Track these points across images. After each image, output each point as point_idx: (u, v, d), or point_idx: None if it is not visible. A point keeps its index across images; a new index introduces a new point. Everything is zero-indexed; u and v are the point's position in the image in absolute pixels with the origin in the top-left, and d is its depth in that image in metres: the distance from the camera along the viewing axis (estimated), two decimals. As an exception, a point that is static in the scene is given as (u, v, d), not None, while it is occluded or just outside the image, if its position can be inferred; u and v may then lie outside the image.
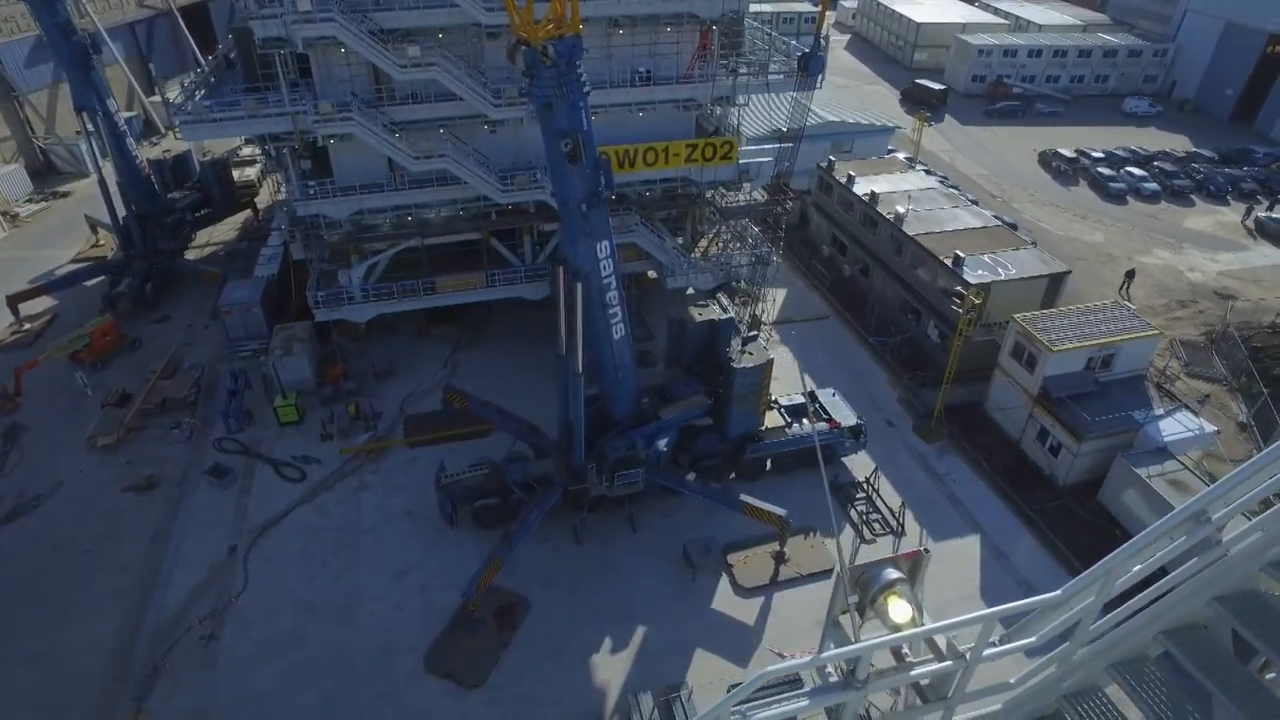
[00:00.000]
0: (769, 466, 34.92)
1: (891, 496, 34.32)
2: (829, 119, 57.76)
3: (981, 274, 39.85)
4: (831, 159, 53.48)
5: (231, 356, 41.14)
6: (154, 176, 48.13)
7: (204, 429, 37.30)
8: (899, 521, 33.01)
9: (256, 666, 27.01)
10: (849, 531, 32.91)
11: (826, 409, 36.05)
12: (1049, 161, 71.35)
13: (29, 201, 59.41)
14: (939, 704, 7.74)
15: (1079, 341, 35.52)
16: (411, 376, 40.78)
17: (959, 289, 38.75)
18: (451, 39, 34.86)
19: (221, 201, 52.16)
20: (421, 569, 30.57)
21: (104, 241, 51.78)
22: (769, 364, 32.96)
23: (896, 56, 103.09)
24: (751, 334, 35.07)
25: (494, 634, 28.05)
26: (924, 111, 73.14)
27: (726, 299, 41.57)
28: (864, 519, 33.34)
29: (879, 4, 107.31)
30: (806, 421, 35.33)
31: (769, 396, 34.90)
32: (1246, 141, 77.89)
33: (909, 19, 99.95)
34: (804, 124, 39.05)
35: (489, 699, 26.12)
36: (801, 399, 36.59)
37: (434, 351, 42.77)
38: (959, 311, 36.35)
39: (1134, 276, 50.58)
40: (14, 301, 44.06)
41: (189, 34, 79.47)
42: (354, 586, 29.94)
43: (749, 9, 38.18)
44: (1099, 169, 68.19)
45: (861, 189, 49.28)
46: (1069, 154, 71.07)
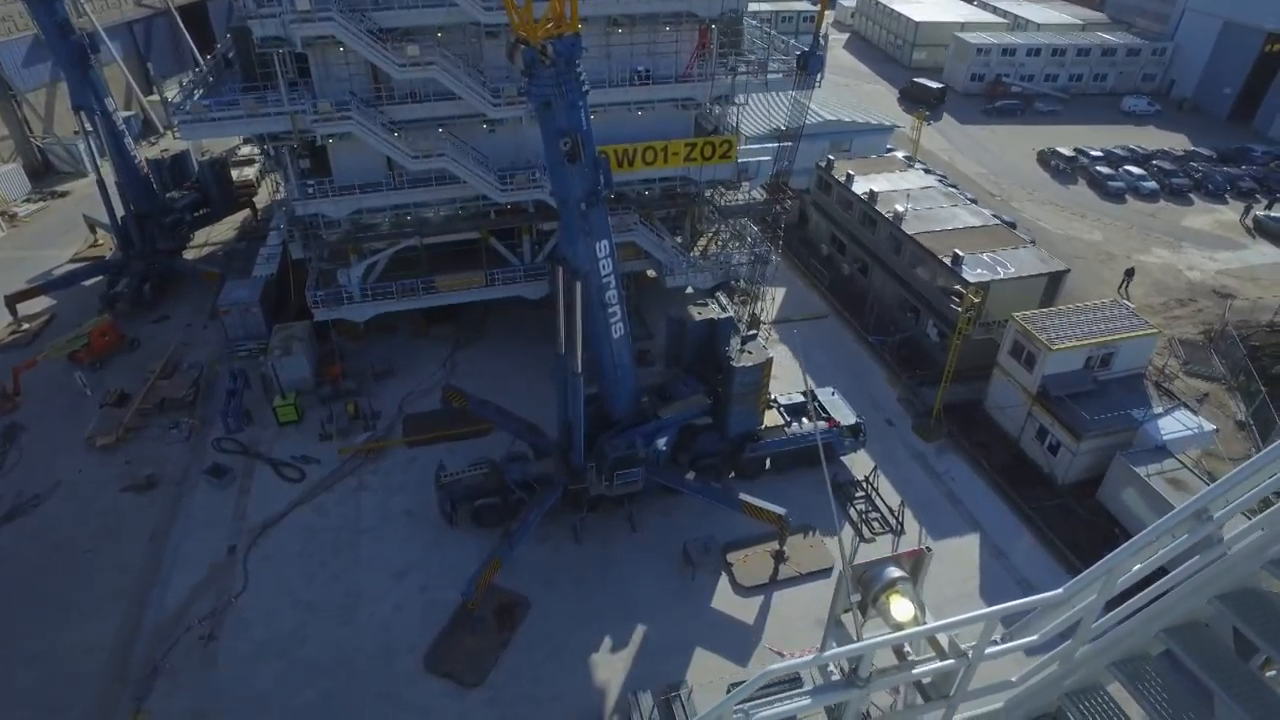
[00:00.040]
0: (768, 465, 34.95)
1: (891, 495, 34.33)
2: (828, 118, 57.82)
3: (980, 273, 39.91)
4: (830, 158, 53.48)
5: (230, 356, 41.11)
6: (152, 176, 48.09)
7: (203, 429, 37.28)
8: (898, 520, 33.04)
9: (256, 666, 27.01)
10: (848, 530, 32.95)
11: (825, 408, 36.09)
12: (1048, 160, 71.42)
13: (27, 201, 59.35)
14: (941, 702, 7.76)
15: (1078, 340, 35.56)
16: (410, 376, 40.76)
17: (958, 288, 38.76)
18: (450, 38, 34.88)
19: (220, 201, 52.18)
20: (421, 568, 30.57)
21: (102, 241, 51.73)
22: (768, 363, 32.98)
23: (895, 55, 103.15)
24: (750, 333, 35.09)
25: (494, 633, 28.06)
26: (922, 110, 73.16)
27: (725, 298, 41.59)
28: (863, 518, 33.37)
29: (878, 3, 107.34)
30: (806, 420, 35.38)
31: (768, 395, 34.92)
32: (1245, 140, 77.98)
33: (908, 18, 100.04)
34: (803, 123, 39.12)
35: (489, 698, 26.14)
36: (801, 398, 36.65)
37: (433, 351, 42.75)
38: (958, 310, 36.35)
39: (1133, 275, 50.64)
40: (12, 301, 44.00)
41: (187, 33, 79.47)
42: (354, 586, 29.93)
43: (747, 8, 38.17)
44: (1098, 168, 68.25)
45: (860, 188, 49.31)
46: (1068, 153, 71.10)
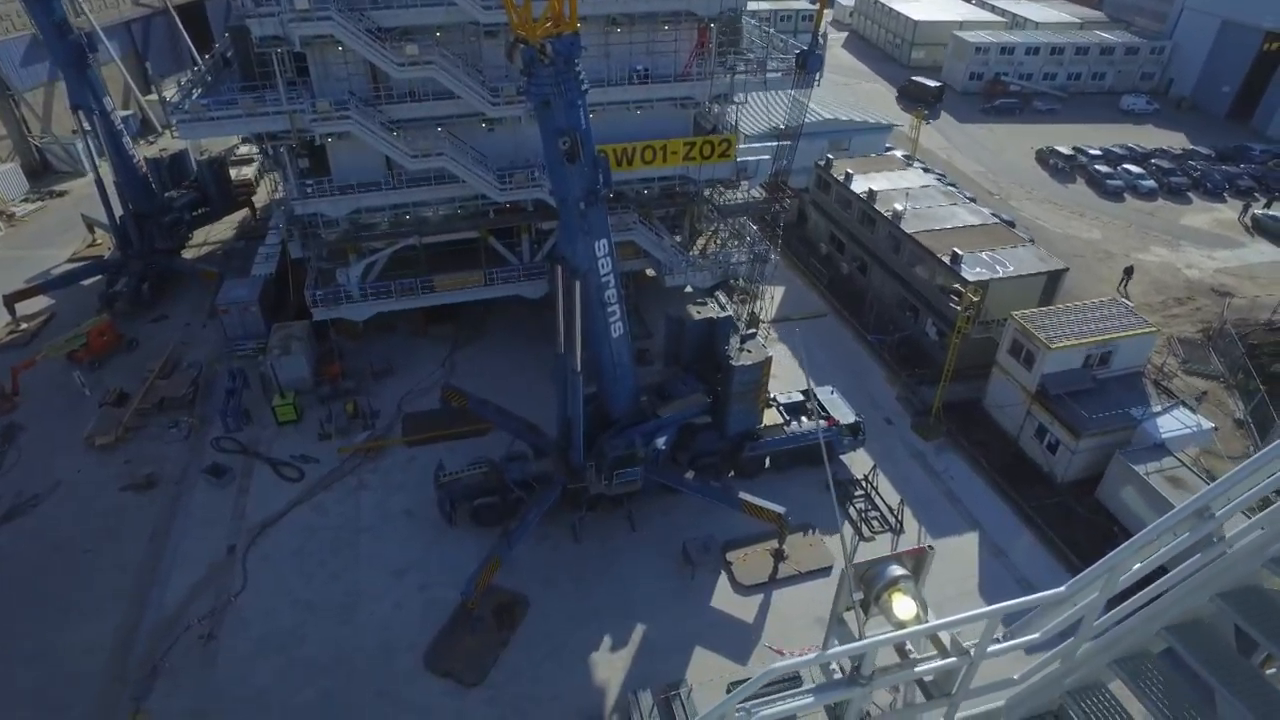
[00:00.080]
0: (767, 464, 34.97)
1: (890, 494, 34.36)
2: (827, 117, 57.83)
3: (979, 271, 39.91)
4: (829, 156, 53.48)
5: (229, 355, 41.08)
6: (151, 175, 48.02)
7: (202, 428, 37.25)
8: (897, 519, 33.08)
9: (256, 665, 27.00)
10: (848, 529, 32.95)
11: (825, 407, 36.10)
12: (1046, 159, 71.43)
13: (25, 201, 59.25)
14: (943, 700, 7.76)
15: (1077, 339, 35.59)
16: (410, 375, 40.73)
17: (957, 286, 38.79)
18: (449, 37, 34.82)
19: (219, 200, 52.08)
20: (420, 567, 30.57)
21: (101, 241, 51.67)
22: (767, 362, 32.99)
23: (894, 54, 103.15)
24: (750, 332, 35.09)
25: (493, 632, 28.06)
26: (921, 109, 73.17)
27: (725, 297, 41.62)
28: (863, 517, 33.40)
29: (876, 2, 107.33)
30: (806, 419, 35.40)
31: (767, 394, 34.93)
32: (1243, 139, 78.03)
33: (906, 17, 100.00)
34: (802, 122, 39.13)
35: (488, 697, 26.14)
36: (800, 396, 36.66)
37: (432, 350, 42.73)
38: (957, 309, 36.38)
39: (1132, 274, 50.69)
40: (11, 301, 43.94)
41: (185, 33, 79.36)
42: (353, 585, 29.93)
43: (746, 7, 38.17)
44: (1096, 166, 68.28)
45: (859, 187, 49.31)
46: (1066, 151, 71.10)
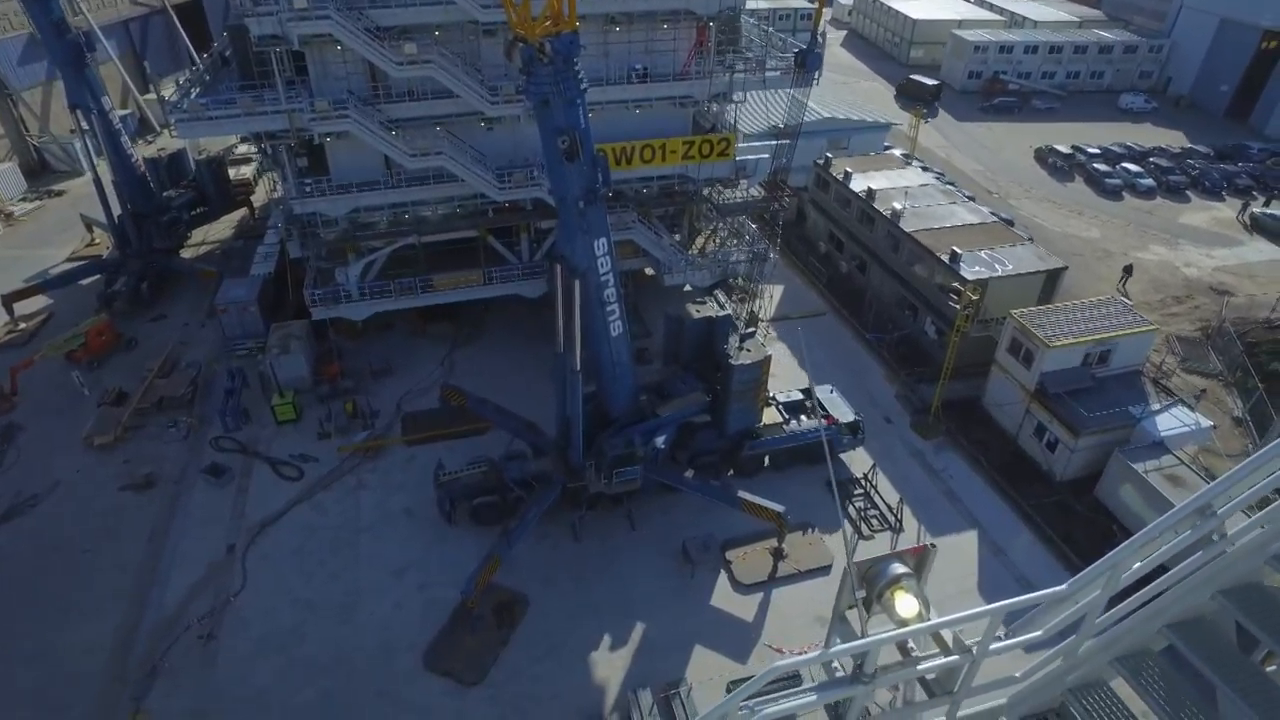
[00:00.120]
0: (767, 463, 34.98)
1: (889, 493, 34.38)
2: (826, 115, 57.83)
3: (978, 270, 39.93)
4: (828, 155, 53.49)
5: (228, 355, 41.06)
6: (149, 175, 47.92)
7: (201, 428, 37.21)
8: (897, 518, 33.10)
9: (255, 665, 26.98)
10: (848, 527, 32.94)
11: (824, 405, 36.10)
12: (1045, 158, 71.45)
13: (23, 200, 59.15)
14: (945, 698, 7.77)
15: (1076, 337, 35.61)
16: (409, 374, 40.71)
17: (956, 285, 38.81)
18: (448, 36, 34.81)
19: (217, 200, 52.00)
20: (420, 567, 30.56)
21: (99, 240, 51.60)
22: (767, 360, 32.99)
23: (893, 53, 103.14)
24: (749, 331, 35.10)
25: (493, 631, 28.05)
26: (920, 107, 73.19)
27: (724, 296, 41.62)
28: (862, 515, 33.41)
29: (875, 0, 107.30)
30: (805, 418, 35.41)
31: (766, 393, 34.93)
32: (1241, 137, 78.13)
33: (905, 15, 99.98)
34: (801, 120, 39.11)
35: (488, 696, 26.14)
36: (799, 395, 36.66)
37: (431, 350, 42.70)
38: (956, 307, 36.41)
39: (1131, 272, 50.74)
40: (9, 300, 43.85)
41: (184, 32, 79.24)
42: (353, 584, 29.91)
43: (745, 5, 38.14)
44: (1095, 165, 68.30)
45: (858, 185, 49.32)
46: (1065, 150, 71.13)
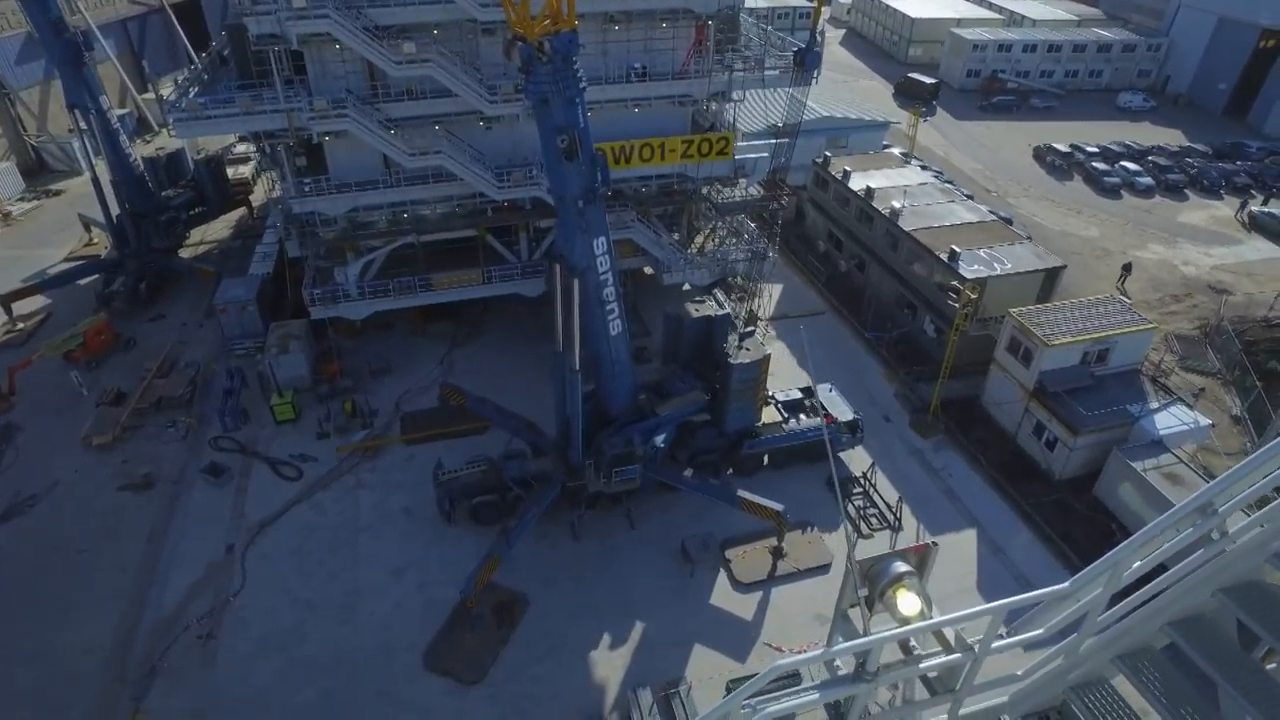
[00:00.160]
0: (766, 462, 35.00)
1: (889, 491, 34.39)
2: (825, 114, 57.81)
3: (977, 269, 39.93)
4: (827, 154, 53.48)
5: (227, 355, 41.03)
6: (148, 174, 47.86)
7: (200, 427, 37.17)
8: (896, 516, 33.11)
9: (255, 665, 26.97)
10: (848, 526, 32.95)
11: (823, 404, 36.10)
12: (1043, 156, 71.48)
13: (21, 200, 59.05)
14: (947, 696, 7.77)
15: (1074, 336, 35.63)
16: (408, 374, 40.68)
17: (955, 284, 38.81)
18: (447, 35, 34.77)
19: (216, 199, 51.94)
20: (420, 566, 30.55)
21: (97, 240, 51.54)
22: (766, 359, 32.97)
23: (891, 52, 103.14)
24: (748, 329, 35.08)
25: (493, 631, 28.05)
26: (918, 106, 73.19)
27: (723, 295, 41.59)
28: (861, 514, 33.42)
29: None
30: (805, 417, 35.41)
31: (766, 392, 34.92)
32: (1240, 136, 78.16)
33: (903, 14, 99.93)
34: (800, 119, 39.08)
35: (488, 696, 26.15)
36: (799, 394, 36.67)
37: (430, 349, 42.68)
38: (955, 306, 36.41)
39: (1131, 270, 50.78)
40: (7, 300, 43.83)
41: (182, 31, 79.14)
42: (352, 584, 29.90)
43: (744, 4, 38.17)
44: (1093, 164, 68.33)
45: (857, 184, 49.31)
46: (1063, 149, 71.17)
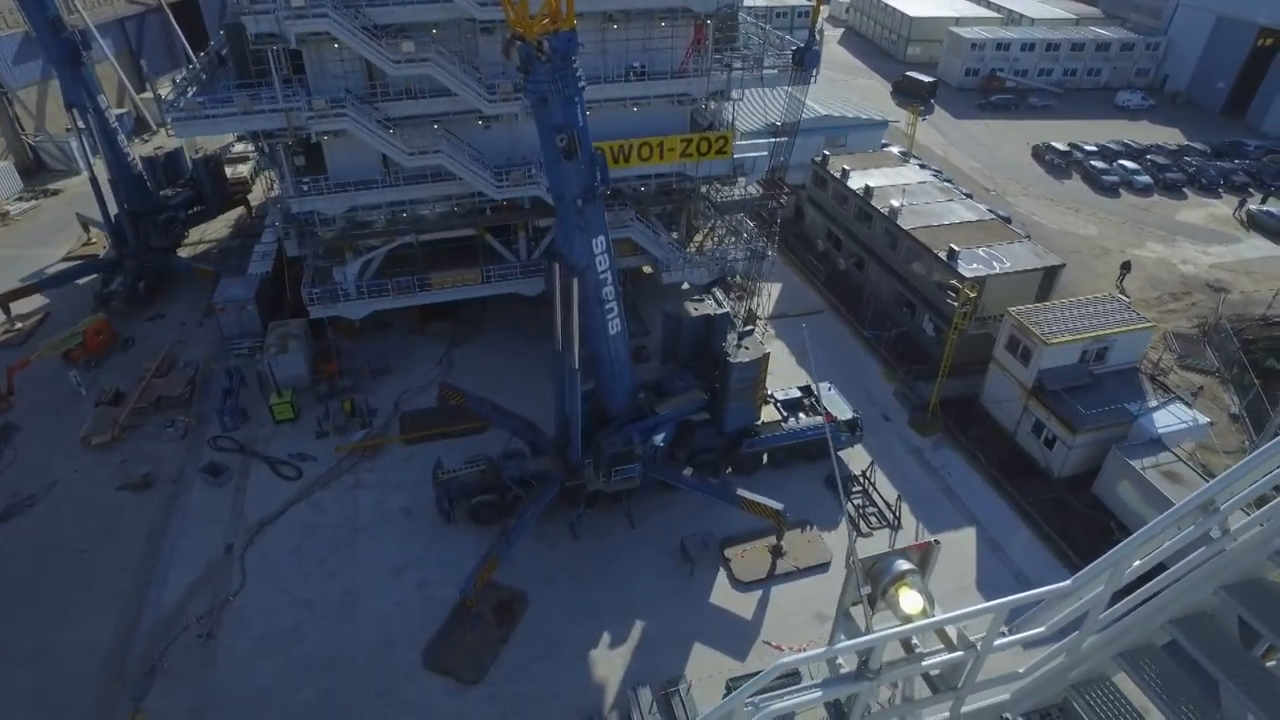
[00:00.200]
0: (765, 461, 35.01)
1: (888, 490, 34.41)
2: (823, 113, 57.81)
3: (976, 267, 39.95)
4: (826, 153, 53.48)
5: (226, 354, 41.00)
6: (146, 174, 47.79)
7: (199, 427, 37.14)
8: (895, 515, 33.12)
9: (255, 664, 26.96)
10: (849, 524, 32.98)
11: (822, 403, 36.12)
12: (1042, 155, 71.54)
13: (19, 199, 58.96)
14: (949, 694, 7.78)
15: (1073, 334, 35.67)
16: (407, 373, 40.66)
17: (954, 282, 38.82)
18: (445, 34, 34.74)
19: (214, 199, 51.89)
20: (419, 566, 30.54)
21: (95, 240, 51.47)
22: (765, 358, 32.98)
23: (890, 50, 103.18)
24: (747, 328, 35.09)
25: (492, 630, 28.05)
26: (916, 104, 73.21)
27: (722, 293, 41.57)
28: (860, 512, 33.44)
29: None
30: (804, 415, 35.42)
31: (765, 391, 34.93)
32: (1238, 134, 78.25)
33: (902, 13, 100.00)
34: (799, 118, 39.06)
35: (488, 695, 26.15)
36: (798, 393, 36.68)
37: (429, 348, 42.66)
38: (954, 305, 36.43)
39: (1130, 268, 50.84)
40: (5, 300, 43.75)
41: (180, 30, 79.03)
42: (352, 584, 29.89)
43: (743, 3, 38.14)
44: (1092, 162, 68.40)
45: (856, 183, 49.31)
46: (1062, 147, 71.25)
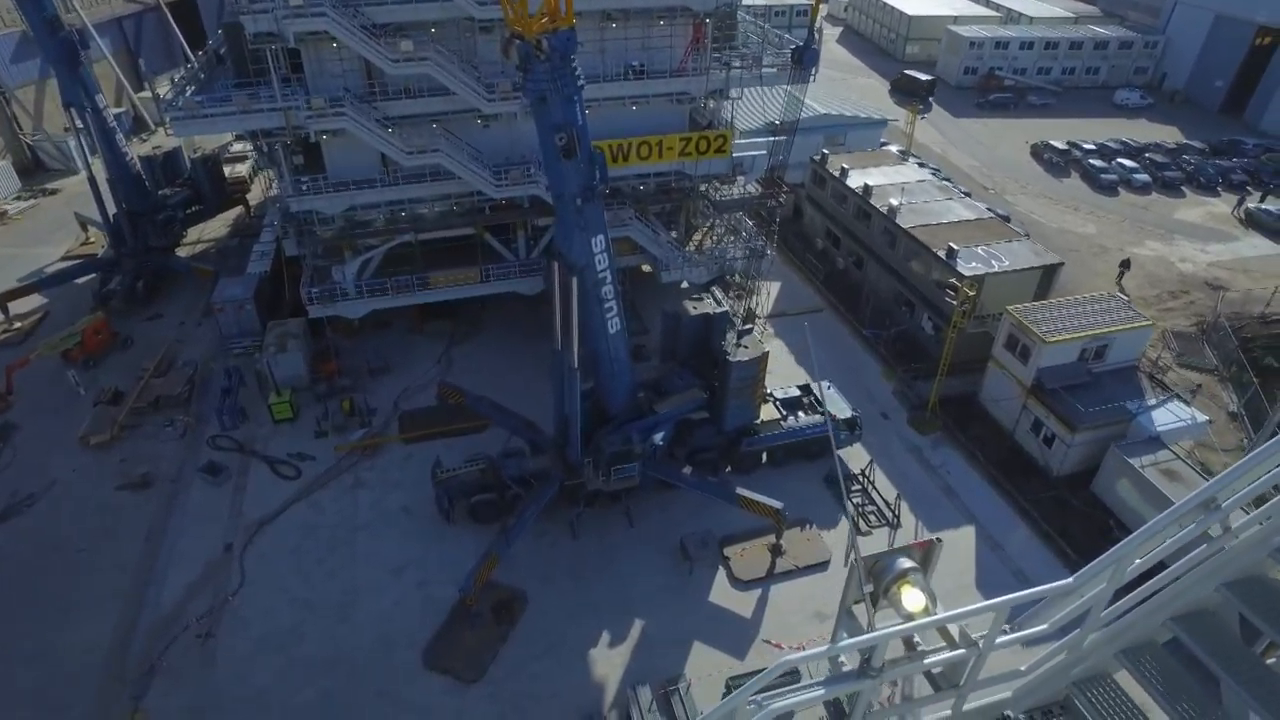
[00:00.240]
0: (765, 459, 35.01)
1: (887, 488, 34.43)
2: (822, 111, 57.81)
3: (975, 266, 39.95)
4: (825, 152, 53.47)
5: (225, 354, 40.99)
6: (144, 173, 47.71)
7: (198, 426, 37.11)
8: (894, 513, 33.15)
9: (254, 664, 26.95)
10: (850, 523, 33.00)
11: (821, 402, 36.13)
12: (1041, 154, 71.54)
13: (17, 199, 58.88)
14: (951, 692, 7.79)
15: (1072, 333, 35.69)
16: (406, 372, 40.64)
17: (953, 281, 38.82)
18: (444, 33, 34.72)
19: (213, 198, 51.83)
20: (419, 565, 30.53)
21: (94, 239, 51.40)
22: (764, 357, 32.98)
23: (888, 49, 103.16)
24: (747, 327, 35.09)
25: (492, 629, 28.05)
26: (914, 102, 73.22)
27: (721, 292, 41.57)
28: (860, 511, 33.46)
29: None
30: (803, 414, 35.42)
31: (764, 389, 34.93)
32: (1236, 133, 78.26)
33: (900, 12, 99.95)
34: (798, 117, 39.06)
35: (488, 694, 26.15)
36: (797, 392, 36.69)
37: (429, 347, 42.64)
38: (953, 304, 36.44)
39: (1129, 266, 50.88)
40: (4, 300, 43.69)
41: (178, 29, 78.90)
42: (351, 583, 29.88)
43: (742, 1, 38.11)
44: (1090, 161, 68.40)
45: (855, 182, 49.29)
46: (1061, 146, 71.25)
